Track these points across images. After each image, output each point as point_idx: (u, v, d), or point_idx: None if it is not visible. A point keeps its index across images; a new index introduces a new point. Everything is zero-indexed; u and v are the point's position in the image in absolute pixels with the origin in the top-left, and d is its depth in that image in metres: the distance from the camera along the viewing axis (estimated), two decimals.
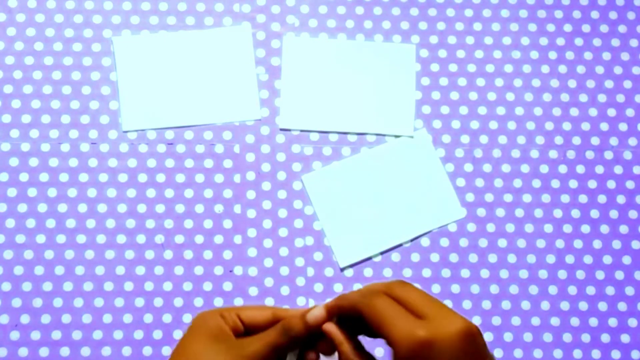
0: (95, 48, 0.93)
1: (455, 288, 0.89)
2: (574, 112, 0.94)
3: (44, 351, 0.86)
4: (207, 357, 0.43)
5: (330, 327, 0.45)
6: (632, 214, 0.91)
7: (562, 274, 0.90)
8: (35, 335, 0.86)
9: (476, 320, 0.88)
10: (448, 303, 0.89)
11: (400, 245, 0.90)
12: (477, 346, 0.40)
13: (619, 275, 0.90)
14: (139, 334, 0.87)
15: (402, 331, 0.39)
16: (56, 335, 0.86)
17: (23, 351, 0.86)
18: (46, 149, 0.90)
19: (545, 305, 0.89)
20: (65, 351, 0.86)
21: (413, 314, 0.41)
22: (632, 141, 0.93)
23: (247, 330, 0.46)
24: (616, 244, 0.91)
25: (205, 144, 0.91)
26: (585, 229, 0.91)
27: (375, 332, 0.42)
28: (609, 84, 0.94)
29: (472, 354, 0.40)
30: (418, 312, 0.41)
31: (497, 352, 0.88)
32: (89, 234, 0.88)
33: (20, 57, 0.92)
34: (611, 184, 0.92)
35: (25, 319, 0.86)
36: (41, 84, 0.91)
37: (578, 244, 0.91)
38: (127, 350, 0.86)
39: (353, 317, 0.44)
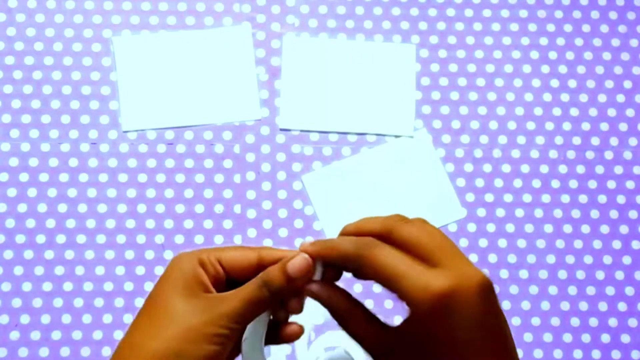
0: (95, 48, 0.92)
1: None
2: (574, 112, 0.94)
3: (44, 351, 0.86)
4: (180, 316, 0.39)
5: (316, 289, 0.40)
6: (632, 214, 0.91)
7: (562, 274, 0.90)
8: (35, 335, 0.86)
9: None
10: None
11: None
12: (495, 301, 0.36)
13: (619, 275, 0.90)
14: None
15: (417, 285, 0.35)
16: (56, 335, 0.86)
17: (23, 351, 0.86)
18: (46, 149, 0.90)
19: (545, 305, 0.89)
20: (65, 351, 0.86)
21: (422, 261, 0.36)
22: (632, 141, 0.93)
23: (229, 276, 0.42)
24: (616, 244, 0.91)
25: (205, 144, 0.91)
26: (585, 229, 0.91)
27: (383, 285, 0.37)
28: (609, 84, 0.94)
29: (490, 310, 0.36)
30: (428, 258, 0.36)
31: None
32: (89, 234, 0.88)
33: (20, 57, 0.92)
34: (611, 184, 0.92)
35: (25, 319, 0.86)
36: (41, 84, 0.91)
37: (578, 244, 0.91)
38: None
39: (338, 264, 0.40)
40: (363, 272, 0.38)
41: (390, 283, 0.36)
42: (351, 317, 0.40)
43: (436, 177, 0.91)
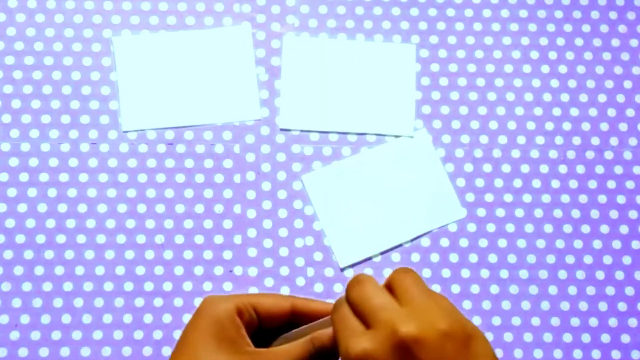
0: (95, 48, 0.93)
1: (455, 288, 0.89)
2: (574, 112, 0.94)
3: (43, 351, 0.86)
4: None
5: None
6: (632, 214, 0.91)
7: (562, 274, 0.90)
8: (35, 335, 0.86)
9: (476, 321, 0.88)
10: None
11: (400, 245, 0.90)
12: (420, 355, 0.34)
13: (619, 275, 0.90)
14: (139, 334, 0.87)
15: (342, 347, 0.36)
16: (56, 335, 0.86)
17: (23, 351, 0.86)
18: (46, 149, 0.90)
19: (545, 305, 0.89)
20: (65, 351, 0.86)
21: (364, 322, 0.37)
22: (632, 141, 0.93)
23: (262, 323, 0.42)
24: (616, 244, 0.91)
25: (205, 144, 0.91)
26: (585, 229, 0.91)
27: None
28: (609, 84, 0.94)
29: None
30: (367, 319, 0.37)
31: (497, 353, 0.88)
32: (89, 234, 0.88)
33: (20, 57, 0.92)
34: (611, 184, 0.92)
35: (25, 319, 0.86)
36: (41, 84, 0.91)
37: (578, 244, 0.91)
38: (127, 351, 0.86)
39: None
40: None
41: (336, 342, 0.38)
42: None
43: (436, 177, 0.92)
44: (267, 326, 0.43)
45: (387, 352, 0.34)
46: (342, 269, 0.89)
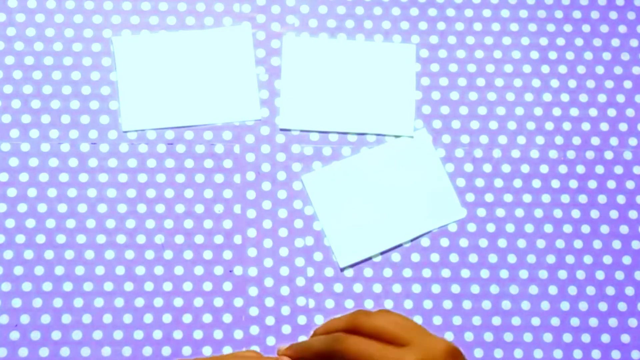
0: (95, 48, 0.93)
1: (455, 288, 0.89)
2: (574, 112, 0.94)
3: (44, 351, 0.86)
4: None
5: None
6: (632, 214, 0.91)
7: (562, 274, 0.90)
8: (35, 335, 0.86)
9: (476, 321, 0.88)
10: (448, 303, 0.89)
11: (400, 245, 0.90)
12: None
13: (619, 275, 0.90)
14: (139, 334, 0.87)
15: None
16: (56, 335, 0.86)
17: (23, 351, 0.86)
18: (46, 149, 0.90)
19: (545, 305, 0.89)
20: (65, 351, 0.86)
21: (392, 344, 0.40)
22: (632, 141, 0.93)
23: None
24: (616, 244, 0.91)
25: (205, 144, 0.91)
26: (585, 229, 0.91)
27: None
28: (609, 84, 0.94)
29: None
30: (396, 340, 0.40)
31: (497, 352, 0.88)
32: (89, 234, 0.88)
33: (20, 57, 0.92)
34: (611, 184, 0.92)
35: (25, 319, 0.86)
36: (41, 84, 0.91)
37: (578, 244, 0.91)
38: (127, 350, 0.86)
39: None
40: None
41: None
42: None
43: (436, 177, 0.92)
44: None
45: (440, 358, 0.38)
46: (342, 269, 0.89)
